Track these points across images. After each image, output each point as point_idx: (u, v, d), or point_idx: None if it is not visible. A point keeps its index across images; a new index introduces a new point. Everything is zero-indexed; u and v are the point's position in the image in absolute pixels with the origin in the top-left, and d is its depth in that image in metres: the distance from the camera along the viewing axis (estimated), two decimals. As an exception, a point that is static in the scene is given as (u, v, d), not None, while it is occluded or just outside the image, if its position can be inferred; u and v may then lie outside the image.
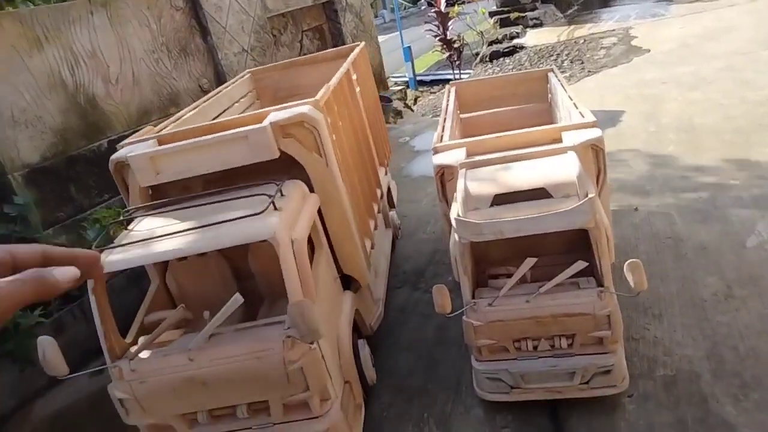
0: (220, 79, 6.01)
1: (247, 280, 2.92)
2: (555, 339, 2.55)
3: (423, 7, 19.98)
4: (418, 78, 12.53)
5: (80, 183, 4.67)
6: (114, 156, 2.68)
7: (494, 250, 2.92)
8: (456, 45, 13.65)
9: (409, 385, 3.03)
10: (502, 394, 2.64)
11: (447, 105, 3.85)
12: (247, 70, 4.57)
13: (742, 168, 4.44)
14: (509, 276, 2.74)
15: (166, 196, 2.81)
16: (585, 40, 11.68)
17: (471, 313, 2.58)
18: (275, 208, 2.31)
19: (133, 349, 2.39)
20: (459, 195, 2.59)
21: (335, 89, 3.13)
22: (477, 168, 2.71)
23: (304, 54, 7.32)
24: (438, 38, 13.48)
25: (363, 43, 4.52)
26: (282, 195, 2.43)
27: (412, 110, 9.67)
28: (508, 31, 13.93)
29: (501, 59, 12.49)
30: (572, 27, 13.62)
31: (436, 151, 3.05)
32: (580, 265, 2.47)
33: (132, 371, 2.28)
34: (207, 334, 2.21)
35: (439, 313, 2.61)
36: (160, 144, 2.69)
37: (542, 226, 2.43)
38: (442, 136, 3.19)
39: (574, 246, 2.86)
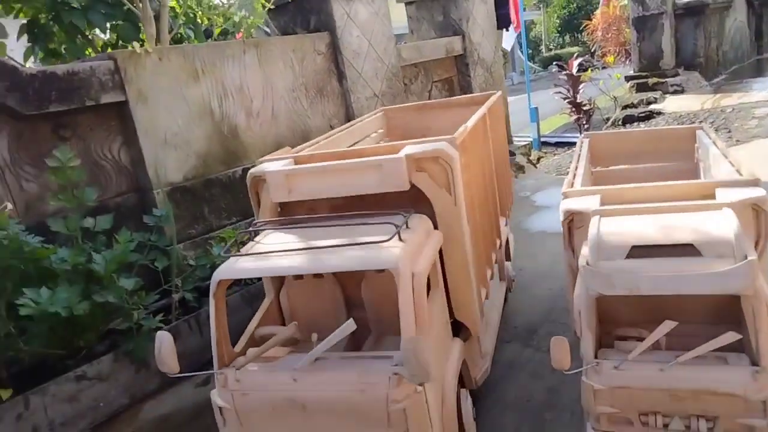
0: (349, 120, 6.26)
1: (357, 310, 2.88)
2: (692, 419, 2.21)
3: (554, 70, 19.83)
4: (543, 139, 12.28)
5: (213, 205, 5.00)
6: (253, 170, 2.81)
7: (623, 310, 2.63)
8: (586, 108, 13.29)
9: (518, 445, 2.76)
10: (622, 472, 2.31)
11: (579, 154, 3.65)
12: (380, 108, 4.69)
13: None
14: (640, 340, 2.45)
15: (292, 215, 2.88)
16: (733, 109, 10.82)
17: (592, 375, 2.31)
18: (400, 239, 2.26)
19: (241, 359, 2.40)
20: (590, 242, 2.38)
21: (471, 131, 3.10)
22: (613, 217, 2.49)
23: (432, 103, 7.46)
24: (567, 101, 13.21)
25: (500, 91, 4.49)
26: (407, 227, 2.38)
27: (536, 167, 9.42)
28: (644, 95, 13.32)
29: (635, 124, 11.91)
30: (718, 95, 12.72)
31: (566, 196, 2.86)
32: (732, 337, 2.13)
33: (236, 381, 2.28)
34: (314, 357, 2.17)
35: (554, 371, 2.38)
36: (296, 164, 2.78)
37: (688, 287, 2.15)
38: (572, 183, 3.00)
39: (718, 316, 2.51)
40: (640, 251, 2.27)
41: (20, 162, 3.95)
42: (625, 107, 13.01)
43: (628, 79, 14.71)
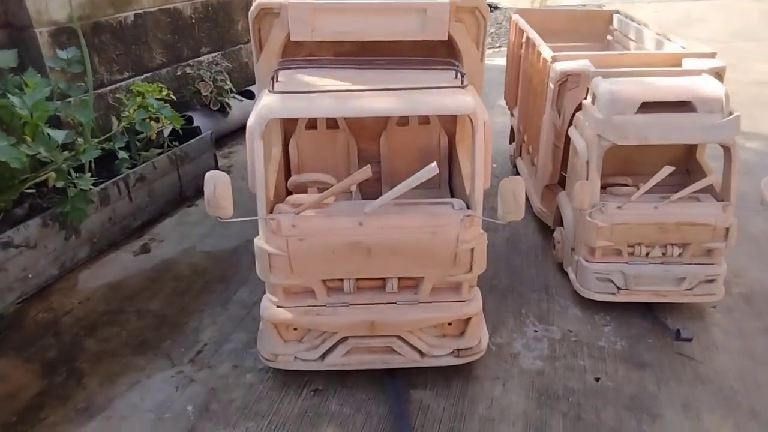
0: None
1: (366, 164, 2.82)
2: (668, 247, 2.72)
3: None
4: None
5: (104, 55, 4.23)
6: (262, 0, 2.44)
7: (605, 164, 3.01)
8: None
9: (498, 285, 3.10)
10: (608, 294, 2.79)
11: (527, 27, 3.85)
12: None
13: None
14: (624, 186, 2.87)
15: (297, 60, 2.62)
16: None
17: (597, 214, 2.68)
18: (463, 86, 2.23)
19: (281, 205, 2.25)
20: (603, 98, 2.64)
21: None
22: (613, 78, 2.77)
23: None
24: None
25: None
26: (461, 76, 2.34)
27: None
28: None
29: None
30: (544, -4, 13.79)
31: (555, 59, 3.08)
32: (708, 180, 2.64)
33: (293, 227, 2.15)
34: (384, 202, 2.12)
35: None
36: (314, -3, 2.49)
37: (688, 136, 2.58)
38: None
39: (678, 165, 3.03)
40: (645, 108, 2.60)
41: None
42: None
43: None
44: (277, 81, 2.29)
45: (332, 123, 2.75)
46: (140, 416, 2.29)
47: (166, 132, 4.10)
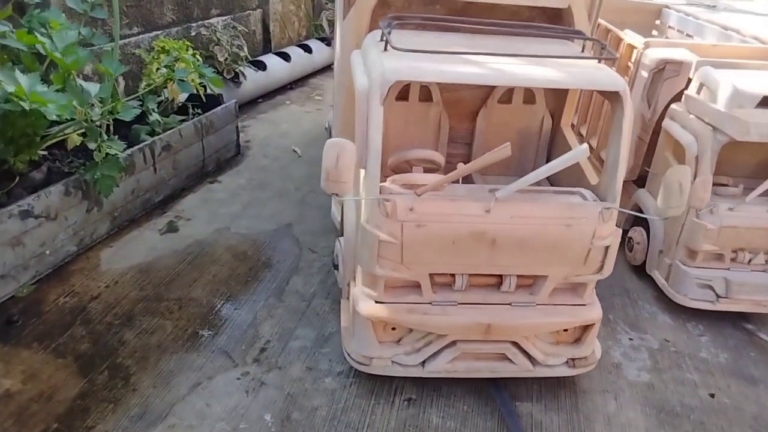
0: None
1: (454, 146, 2.51)
2: (771, 254, 2.55)
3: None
4: None
5: (120, 1, 3.71)
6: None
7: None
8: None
9: (572, 287, 2.86)
10: (706, 302, 2.59)
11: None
12: None
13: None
14: (726, 186, 2.67)
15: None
16: None
17: (706, 215, 2.47)
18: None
19: (389, 185, 1.92)
20: (722, 90, 2.43)
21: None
22: (721, 69, 2.57)
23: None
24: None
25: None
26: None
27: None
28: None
29: None
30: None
31: (647, 45, 2.85)
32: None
33: (410, 210, 1.83)
34: (518, 188, 1.83)
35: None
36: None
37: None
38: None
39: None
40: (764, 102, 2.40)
41: None
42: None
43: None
44: (388, 37, 1.95)
45: (425, 96, 2.42)
46: (211, 425, 1.92)
47: (183, 98, 3.65)
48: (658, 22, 4.21)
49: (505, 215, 1.88)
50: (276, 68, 5.20)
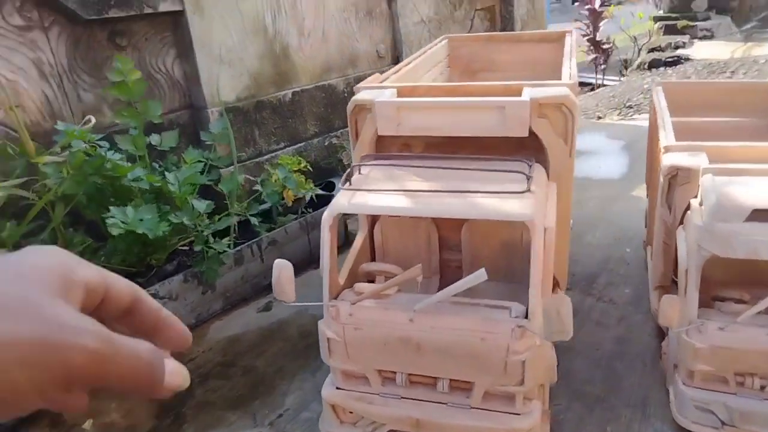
0: (396, 47, 6.04)
1: (450, 251, 2.89)
2: (789, 382, 2.30)
3: (575, 3, 19.05)
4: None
5: (264, 128, 4.89)
6: (356, 98, 2.70)
7: (720, 271, 2.67)
8: (605, 46, 12.85)
9: (588, 392, 2.87)
10: (710, 428, 2.42)
11: (660, 104, 3.58)
12: (444, 36, 4.50)
13: None
14: (739, 302, 2.51)
15: (386, 150, 2.82)
16: (766, 60, 10.59)
17: (695, 334, 2.37)
18: (530, 190, 2.22)
19: (348, 292, 2.42)
20: (708, 202, 2.37)
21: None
22: (726, 176, 2.47)
23: (474, 32, 7.19)
24: (586, 38, 12.71)
25: (573, 30, 4.31)
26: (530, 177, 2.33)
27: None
28: (672, 39, 12.95)
29: (662, 68, 11.64)
30: (749, 44, 12.41)
31: (666, 150, 2.83)
32: None
33: (350, 315, 2.30)
34: (437, 300, 2.18)
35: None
36: (399, 96, 2.68)
37: (812, 255, 2.18)
38: (664, 137, 2.96)
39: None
40: (757, 215, 2.27)
41: (77, 70, 3.78)
42: (652, 50, 12.67)
43: (656, 19, 14.24)
44: (358, 174, 2.51)
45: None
46: (215, 469, 2.60)
47: (308, 197, 4.57)
48: (777, 101, 3.86)
49: (426, 324, 2.23)
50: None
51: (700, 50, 12.13)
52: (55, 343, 0.48)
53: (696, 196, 2.61)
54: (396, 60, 6.07)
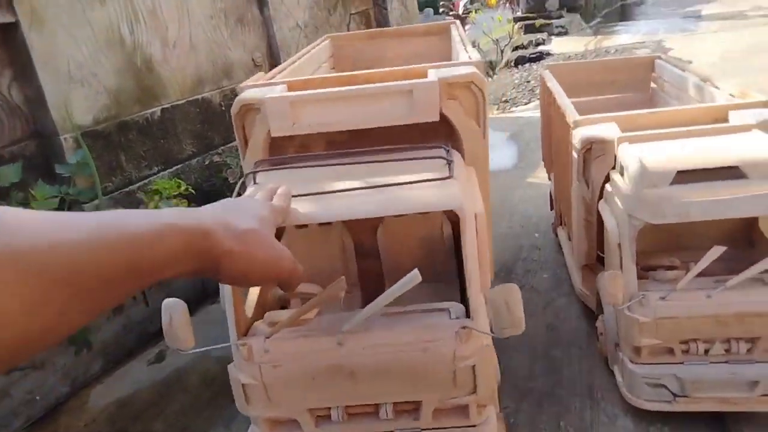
0: (273, 54, 5.67)
1: (367, 259, 2.57)
2: (731, 343, 2.23)
3: (441, 11, 19.77)
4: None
5: (131, 152, 4.27)
6: (242, 97, 2.31)
7: (644, 241, 2.59)
8: (472, 49, 13.28)
9: (533, 388, 2.68)
10: (663, 402, 2.30)
11: (553, 84, 3.54)
12: (327, 35, 4.21)
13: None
14: (670, 268, 2.43)
15: (281, 153, 2.45)
16: (616, 50, 11.50)
17: (637, 308, 2.25)
18: (451, 176, 1.95)
19: (259, 325, 2.02)
20: (630, 170, 2.26)
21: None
22: (643, 143, 2.39)
23: (350, 39, 7.02)
24: (454, 41, 13.10)
25: (457, 21, 4.20)
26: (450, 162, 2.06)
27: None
28: (533, 37, 13.73)
29: (527, 65, 12.24)
30: (599, 37, 13.47)
31: (577, 124, 2.73)
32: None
33: (265, 352, 1.90)
34: (367, 315, 1.84)
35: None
36: (290, 90, 2.33)
37: (741, 210, 2.12)
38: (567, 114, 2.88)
39: (735, 240, 2.55)
40: (681, 177, 2.19)
41: None
42: (516, 48, 13.33)
43: (516, 20, 15.05)
44: (254, 184, 2.11)
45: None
46: None
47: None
48: (653, 74, 3.98)
49: (357, 346, 1.88)
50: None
51: (558, 45, 12.96)
52: (277, 261, 1.15)
53: (614, 167, 2.52)
54: (273, 68, 5.70)
